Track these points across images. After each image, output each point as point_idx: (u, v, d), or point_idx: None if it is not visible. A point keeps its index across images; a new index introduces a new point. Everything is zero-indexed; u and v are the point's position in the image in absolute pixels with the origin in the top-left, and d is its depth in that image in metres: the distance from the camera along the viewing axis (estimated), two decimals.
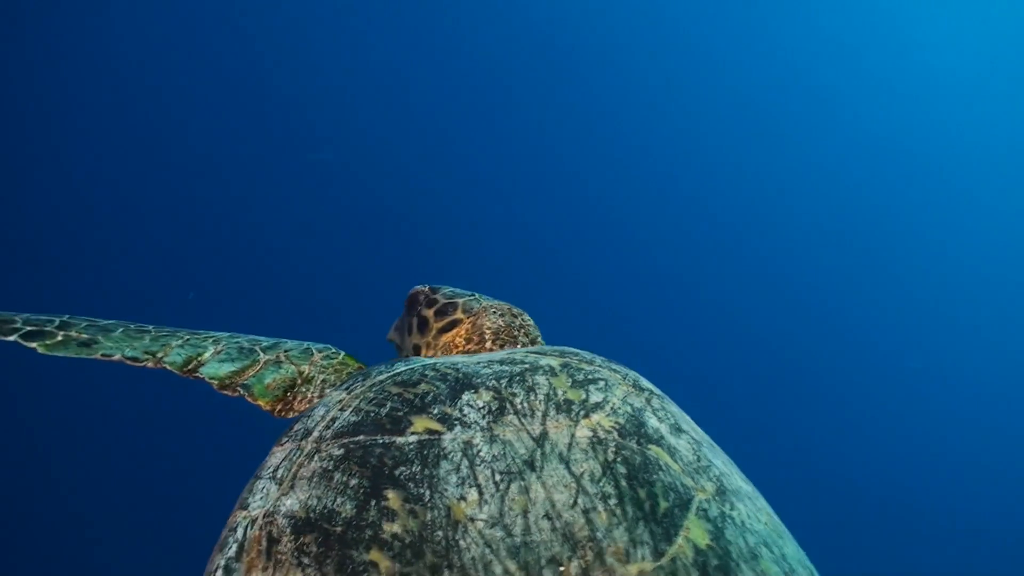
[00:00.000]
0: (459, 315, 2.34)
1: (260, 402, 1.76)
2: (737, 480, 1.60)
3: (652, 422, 1.60)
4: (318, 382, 1.81)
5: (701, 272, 15.37)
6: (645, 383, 1.78)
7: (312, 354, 1.88)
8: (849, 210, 16.25)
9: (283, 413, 1.77)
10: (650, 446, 1.52)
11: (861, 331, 15.61)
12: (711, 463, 1.58)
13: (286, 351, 1.88)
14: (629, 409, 1.60)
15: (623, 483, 1.40)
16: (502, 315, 2.33)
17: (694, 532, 1.36)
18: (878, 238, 16.30)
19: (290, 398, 1.78)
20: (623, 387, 1.68)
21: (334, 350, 1.94)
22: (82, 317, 1.94)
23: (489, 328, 2.29)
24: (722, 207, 15.93)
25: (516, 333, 2.31)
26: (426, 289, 2.46)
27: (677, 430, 1.62)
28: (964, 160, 16.81)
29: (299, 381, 1.80)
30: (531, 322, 2.40)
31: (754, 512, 1.51)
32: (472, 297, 2.41)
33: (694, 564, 1.30)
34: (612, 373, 1.74)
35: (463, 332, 2.31)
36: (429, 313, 2.39)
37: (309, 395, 1.79)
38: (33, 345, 1.75)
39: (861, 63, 16.50)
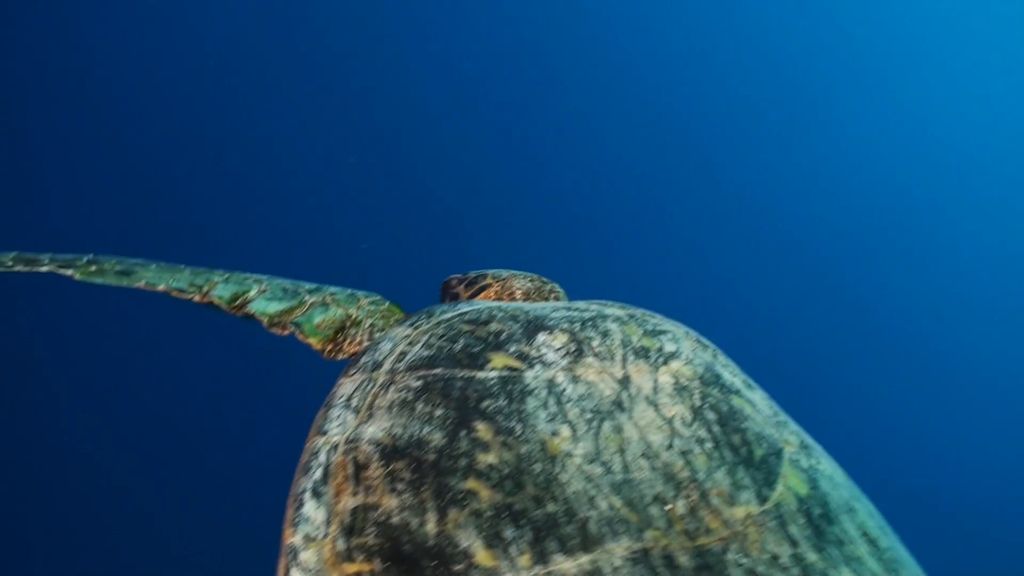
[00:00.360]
0: (488, 280, 2.31)
1: (311, 340, 1.69)
2: (810, 439, 1.58)
3: (726, 375, 1.58)
4: (366, 326, 1.74)
5: (709, 271, 15.16)
6: (705, 340, 1.75)
7: (358, 299, 1.80)
8: (875, 205, 16.08)
9: (333, 354, 1.70)
10: (732, 396, 1.49)
11: (870, 328, 15.50)
12: (787, 419, 1.56)
13: (331, 294, 1.80)
14: (702, 361, 1.57)
15: (715, 428, 1.37)
16: (531, 280, 2.31)
17: (792, 480, 1.34)
18: (905, 234, 16.13)
19: (340, 339, 1.70)
20: (689, 341, 1.65)
21: (380, 297, 1.86)
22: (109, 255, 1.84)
23: (519, 288, 2.26)
24: (730, 202, 15.77)
25: (547, 296, 2.28)
26: (458, 275, 2.44)
27: (749, 385, 1.60)
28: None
29: (348, 323, 1.73)
30: (561, 291, 2.36)
31: (835, 469, 1.49)
32: (502, 269, 2.38)
33: (799, 511, 1.27)
34: (675, 327, 1.70)
35: (492, 294, 2.28)
36: (460, 288, 2.36)
37: (358, 337, 1.71)
38: (69, 273, 1.65)
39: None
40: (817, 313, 15.30)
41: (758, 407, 1.52)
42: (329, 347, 1.69)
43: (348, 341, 1.71)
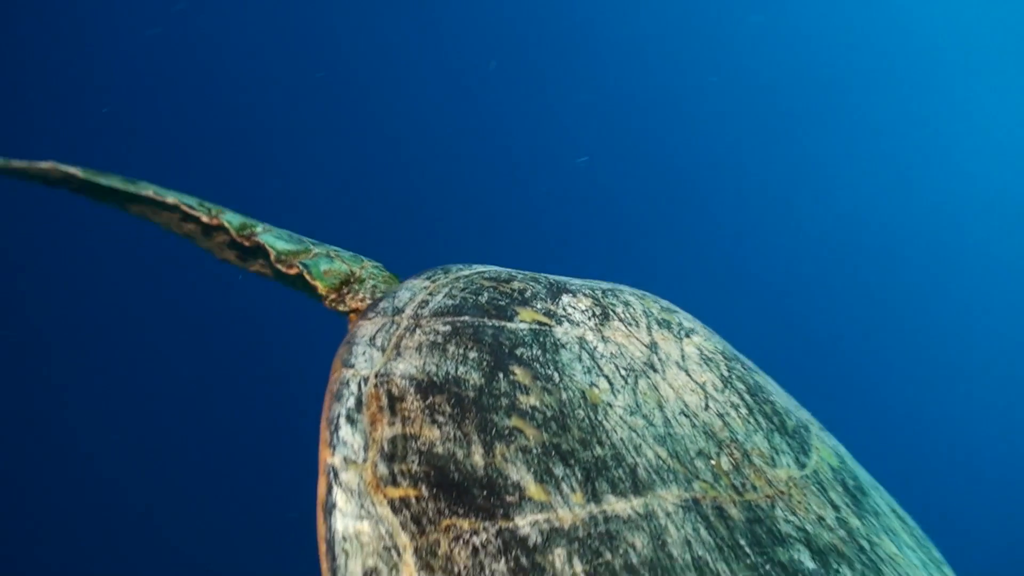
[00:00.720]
0: None
1: (317, 283, 1.61)
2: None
3: (741, 356, 1.57)
4: (369, 286, 1.67)
5: (700, 273, 14.84)
6: (711, 329, 1.75)
7: (362, 260, 1.74)
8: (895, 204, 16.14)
9: (335, 304, 1.62)
10: (754, 373, 1.48)
11: (871, 328, 15.38)
12: (799, 404, 1.56)
13: (335, 250, 1.74)
14: (719, 340, 1.57)
15: (747, 397, 1.36)
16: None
17: (823, 452, 1.33)
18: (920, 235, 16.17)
19: (344, 291, 1.62)
20: (699, 324, 1.64)
21: (382, 265, 1.79)
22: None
23: None
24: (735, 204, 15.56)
25: None
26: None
27: (760, 371, 1.59)
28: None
29: (351, 279, 1.66)
30: None
31: (850, 454, 1.49)
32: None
33: (835, 480, 1.26)
34: (684, 312, 1.69)
35: None
36: None
37: (360, 294, 1.63)
38: (72, 171, 1.53)
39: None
40: (808, 315, 15.15)
41: (776, 387, 1.52)
42: (333, 296, 1.61)
43: (351, 296, 1.63)
